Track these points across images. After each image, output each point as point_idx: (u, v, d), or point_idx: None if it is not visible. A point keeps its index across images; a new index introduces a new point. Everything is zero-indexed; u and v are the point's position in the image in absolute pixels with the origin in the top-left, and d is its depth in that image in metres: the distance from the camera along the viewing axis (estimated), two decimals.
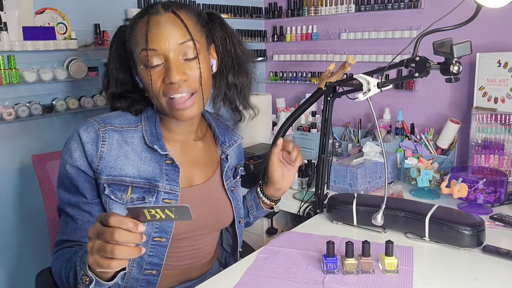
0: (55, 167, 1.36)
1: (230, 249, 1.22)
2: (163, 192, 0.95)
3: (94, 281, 0.74)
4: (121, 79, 0.99)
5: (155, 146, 0.95)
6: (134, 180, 0.94)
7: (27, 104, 1.61)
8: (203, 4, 2.19)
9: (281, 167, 1.14)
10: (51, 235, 1.33)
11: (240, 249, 1.19)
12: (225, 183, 1.09)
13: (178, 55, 0.90)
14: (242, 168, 1.18)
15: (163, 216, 0.67)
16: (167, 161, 0.97)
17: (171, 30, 0.89)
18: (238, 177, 1.16)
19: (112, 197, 0.93)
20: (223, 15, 2.29)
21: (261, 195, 1.20)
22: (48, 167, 1.34)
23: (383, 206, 1.13)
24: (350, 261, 1.00)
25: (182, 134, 1.03)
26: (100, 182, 0.93)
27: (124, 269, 0.74)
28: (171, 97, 0.91)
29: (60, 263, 0.90)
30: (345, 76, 1.89)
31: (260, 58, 2.57)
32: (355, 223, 1.28)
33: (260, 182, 1.23)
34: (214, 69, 1.01)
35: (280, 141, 1.11)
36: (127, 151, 0.94)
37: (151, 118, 0.99)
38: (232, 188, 1.11)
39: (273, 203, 1.22)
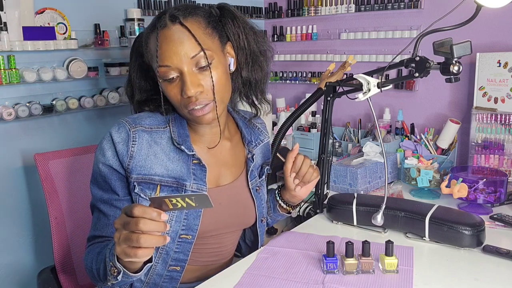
0: (57, 166, 1.36)
1: (251, 244, 1.22)
2: (190, 191, 0.98)
3: (121, 272, 0.78)
4: (144, 86, 1.02)
5: (182, 147, 0.98)
6: (162, 179, 0.97)
7: (27, 104, 1.61)
8: (203, 4, 2.19)
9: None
10: (53, 234, 1.33)
11: (260, 246, 1.19)
12: (249, 183, 1.10)
13: (192, 67, 0.91)
14: (268, 167, 1.17)
15: (184, 205, 0.69)
16: (194, 161, 0.99)
17: (181, 44, 0.90)
18: (264, 176, 1.16)
19: (142, 195, 0.95)
20: None
21: (278, 198, 1.20)
22: (50, 166, 1.35)
23: (383, 206, 1.12)
24: (350, 261, 1.00)
25: (208, 136, 1.04)
26: (131, 180, 0.95)
27: (150, 261, 0.79)
28: (191, 109, 0.94)
29: (91, 256, 0.93)
30: (345, 76, 1.89)
31: None
32: (355, 223, 1.28)
33: (280, 184, 1.23)
34: (232, 68, 1.01)
35: (297, 146, 1.10)
36: (156, 151, 0.97)
37: (178, 120, 1.02)
38: (257, 188, 1.12)
39: (290, 208, 1.21)
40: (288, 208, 1.20)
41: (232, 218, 1.06)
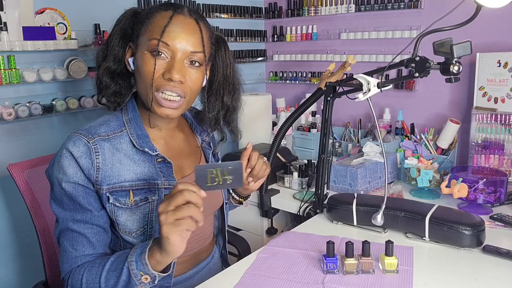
0: (34, 174, 1.28)
1: (217, 230, 1.25)
2: (163, 188, 0.98)
3: (156, 276, 0.84)
4: (118, 56, 0.99)
5: (146, 149, 0.97)
6: (133, 184, 0.96)
7: (27, 104, 1.60)
8: (203, 4, 2.19)
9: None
10: (42, 246, 1.26)
11: (227, 228, 1.24)
12: None
13: (185, 59, 0.93)
14: (218, 152, 1.24)
15: (221, 181, 0.78)
16: (159, 160, 1.00)
17: (189, 35, 0.93)
18: (216, 161, 1.21)
19: (117, 204, 0.95)
20: (223, 15, 2.30)
21: (231, 190, 1.23)
22: (26, 175, 1.26)
23: (383, 206, 1.13)
24: (350, 261, 1.00)
25: (165, 130, 1.06)
26: (102, 192, 0.94)
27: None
28: (163, 92, 0.93)
29: (94, 274, 0.89)
30: (345, 76, 1.89)
31: (260, 58, 2.57)
32: (355, 223, 1.28)
33: None
34: (204, 83, 1.03)
35: (250, 145, 1.09)
36: (120, 158, 0.96)
37: (134, 121, 1.00)
38: None
39: (242, 199, 1.24)
40: (240, 199, 1.24)
41: (205, 203, 1.06)
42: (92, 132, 0.95)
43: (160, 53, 0.91)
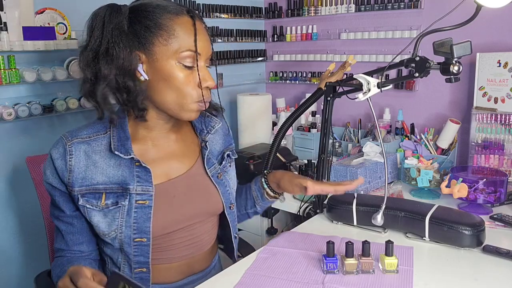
0: None
1: (225, 233, 1.19)
2: (134, 194, 0.96)
3: None
4: (127, 67, 0.90)
5: (116, 152, 0.95)
6: (107, 187, 0.96)
7: (27, 104, 1.60)
8: (203, 4, 2.19)
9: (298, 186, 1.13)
10: (48, 237, 1.32)
11: (235, 235, 1.17)
12: (207, 170, 1.07)
13: (206, 63, 0.97)
14: (231, 152, 1.17)
15: None
16: (137, 163, 0.97)
17: (207, 40, 0.96)
18: (226, 162, 1.14)
19: (88, 205, 0.95)
20: (223, 15, 2.30)
21: (265, 185, 1.19)
22: (42, 168, 1.32)
23: (383, 206, 1.13)
24: (350, 261, 1.00)
25: (156, 131, 1.02)
26: (74, 194, 0.95)
27: None
28: (200, 100, 0.95)
29: (56, 273, 0.99)
30: (345, 76, 1.89)
31: (260, 58, 2.57)
32: (355, 223, 1.28)
33: (265, 171, 1.21)
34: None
35: (361, 180, 1.10)
36: (95, 160, 0.96)
37: (119, 123, 0.98)
38: (218, 174, 1.10)
39: (277, 195, 1.20)
40: (275, 195, 1.19)
41: (194, 208, 1.04)
42: (73, 135, 0.96)
43: (190, 66, 0.93)
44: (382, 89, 1.13)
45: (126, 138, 0.97)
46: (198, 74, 0.93)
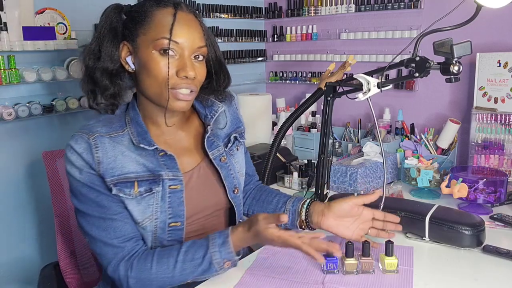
0: (64, 164, 1.38)
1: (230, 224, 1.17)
2: (167, 179, 0.99)
3: (237, 261, 0.95)
4: (113, 56, 0.97)
5: (142, 145, 0.98)
6: (138, 175, 0.97)
7: (27, 104, 1.61)
8: (203, 4, 2.19)
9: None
10: (57, 231, 1.34)
11: (240, 220, 1.13)
12: (210, 154, 1.08)
13: (192, 54, 0.96)
14: (238, 135, 1.16)
15: None
16: (161, 153, 1.00)
17: (194, 31, 0.96)
18: (232, 145, 1.14)
19: (121, 194, 0.95)
20: (223, 15, 2.30)
21: (303, 215, 1.10)
22: (58, 164, 1.36)
23: (381, 206, 1.13)
24: (350, 261, 1.01)
25: (164, 126, 1.05)
26: (106, 184, 0.95)
27: None
28: (179, 89, 0.95)
29: (165, 267, 0.94)
30: (345, 76, 1.89)
31: (260, 58, 2.57)
32: None
33: (311, 199, 1.14)
34: None
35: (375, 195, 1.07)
36: (122, 150, 0.97)
37: (134, 119, 1.01)
38: (221, 157, 1.09)
39: (309, 229, 1.12)
40: (308, 228, 1.11)
41: (206, 200, 1.07)
42: (92, 130, 0.96)
43: (168, 52, 0.93)
44: (382, 89, 1.13)
45: (144, 132, 1.00)
46: (169, 64, 0.92)
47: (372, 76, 1.16)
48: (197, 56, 0.97)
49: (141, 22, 0.95)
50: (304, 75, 2.47)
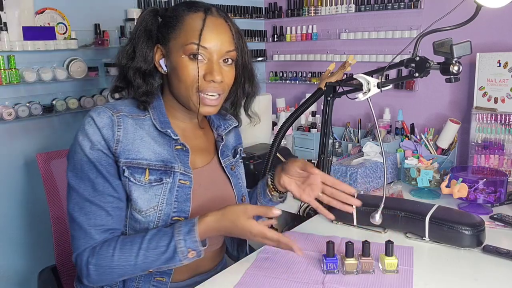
0: (58, 165, 1.37)
1: (233, 245, 1.20)
2: (179, 173, 1.00)
3: (202, 251, 0.93)
4: (147, 57, 1.00)
5: (169, 131, 1.00)
6: (150, 163, 0.98)
7: (27, 104, 1.61)
8: None
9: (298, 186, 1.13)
10: (53, 233, 1.34)
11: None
12: (222, 162, 1.12)
13: (220, 58, 0.98)
14: (241, 149, 1.22)
15: None
16: (177, 147, 1.02)
17: (222, 35, 0.98)
18: (238, 156, 1.19)
19: (131, 179, 0.96)
20: None
21: (269, 182, 1.16)
22: (52, 165, 1.36)
23: (382, 205, 1.13)
24: (350, 261, 1.00)
25: (185, 123, 1.09)
26: (119, 164, 0.96)
27: None
28: (206, 93, 0.98)
29: (127, 255, 0.92)
30: (345, 76, 1.89)
31: (260, 58, 2.57)
32: (355, 223, 1.28)
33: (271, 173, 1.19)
34: None
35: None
36: (142, 135, 0.99)
37: (157, 108, 1.03)
38: (232, 166, 1.15)
39: (278, 192, 1.17)
40: (276, 191, 1.16)
41: (213, 201, 1.07)
42: (117, 108, 0.98)
43: (197, 57, 0.95)
44: (382, 89, 1.13)
45: (167, 122, 1.03)
46: (198, 69, 0.95)
47: (372, 76, 1.16)
48: (226, 60, 0.99)
49: (173, 27, 0.97)
50: (304, 75, 2.47)
